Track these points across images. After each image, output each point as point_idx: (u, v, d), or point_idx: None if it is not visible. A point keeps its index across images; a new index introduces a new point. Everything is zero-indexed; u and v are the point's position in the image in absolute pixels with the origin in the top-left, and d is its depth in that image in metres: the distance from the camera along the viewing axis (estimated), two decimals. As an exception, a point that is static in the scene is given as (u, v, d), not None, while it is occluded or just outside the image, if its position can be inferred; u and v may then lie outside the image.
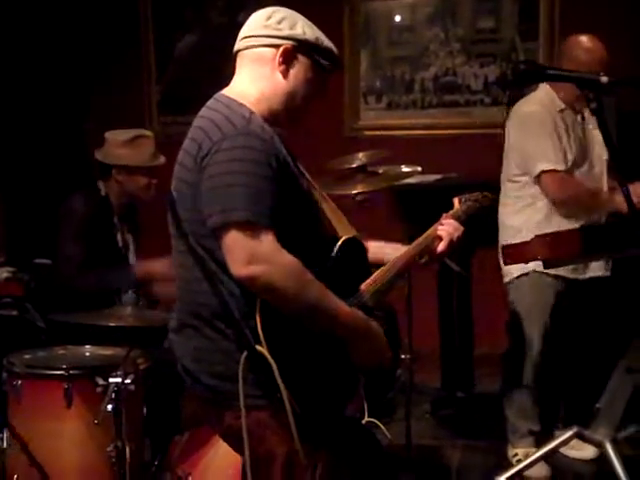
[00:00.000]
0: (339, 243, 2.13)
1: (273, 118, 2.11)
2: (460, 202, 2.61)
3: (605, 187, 3.65)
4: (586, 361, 3.84)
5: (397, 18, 5.38)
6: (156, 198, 3.66)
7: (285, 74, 2.11)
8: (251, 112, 2.06)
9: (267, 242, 1.90)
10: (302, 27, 2.11)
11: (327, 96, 2.23)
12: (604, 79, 1.91)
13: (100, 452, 2.74)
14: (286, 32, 2.10)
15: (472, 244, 4.16)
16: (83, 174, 3.70)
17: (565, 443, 3.54)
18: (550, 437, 3.62)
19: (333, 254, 2.10)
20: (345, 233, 2.18)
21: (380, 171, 3.71)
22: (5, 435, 2.85)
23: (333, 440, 2.11)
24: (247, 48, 2.15)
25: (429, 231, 2.42)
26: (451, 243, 2.38)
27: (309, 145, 2.11)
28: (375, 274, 2.22)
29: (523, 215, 3.61)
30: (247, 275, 1.89)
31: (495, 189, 3.71)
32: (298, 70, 2.12)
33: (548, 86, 3.62)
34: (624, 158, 2.19)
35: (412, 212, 4.48)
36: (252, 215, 1.90)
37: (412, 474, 3.39)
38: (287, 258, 1.92)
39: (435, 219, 2.48)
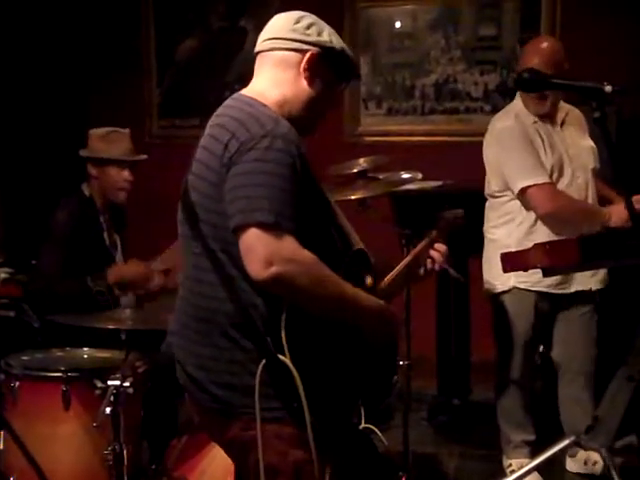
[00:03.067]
0: (350, 253, 2.11)
1: (291, 123, 2.05)
2: (442, 219, 2.53)
3: (591, 198, 3.58)
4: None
5: (398, 24, 5.38)
6: (141, 198, 3.66)
7: (309, 80, 2.09)
8: (276, 113, 2.04)
9: (289, 243, 1.87)
10: (329, 35, 2.10)
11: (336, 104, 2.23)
12: (608, 88, 1.90)
13: (97, 455, 2.74)
14: (314, 38, 2.08)
15: (467, 251, 4.16)
16: (75, 177, 3.71)
17: (561, 451, 3.52)
18: (546, 446, 3.60)
19: (344, 264, 2.06)
20: (355, 243, 2.15)
21: (380, 177, 3.70)
22: (2, 436, 2.84)
23: (342, 449, 2.10)
24: (271, 50, 2.12)
25: (417, 249, 2.37)
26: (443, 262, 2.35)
27: (308, 151, 2.09)
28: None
29: (504, 230, 3.57)
30: (268, 276, 1.84)
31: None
32: (322, 78, 2.10)
33: (519, 94, 3.58)
34: (624, 166, 2.19)
35: (410, 218, 4.47)
36: (275, 217, 1.86)
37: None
38: (307, 255, 1.90)
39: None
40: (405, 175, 3.74)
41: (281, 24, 2.12)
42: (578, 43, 4.37)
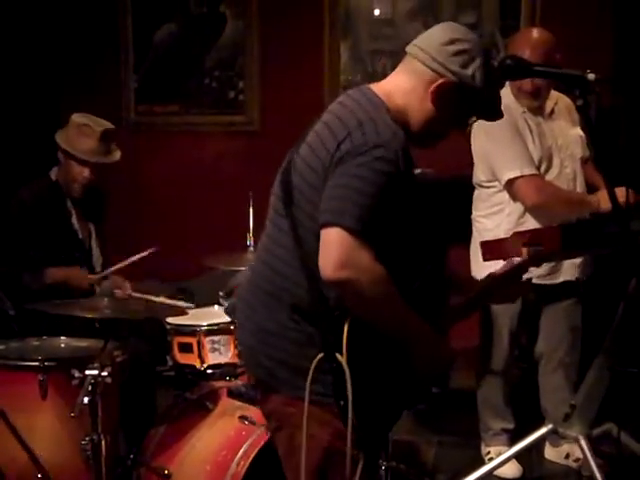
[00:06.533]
0: (429, 267, 2.14)
1: (405, 132, 2.06)
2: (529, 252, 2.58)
3: (579, 187, 3.59)
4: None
5: (377, 12, 5.35)
6: (118, 184, 3.61)
7: (435, 103, 2.08)
8: (395, 122, 2.03)
9: (367, 253, 1.90)
10: (475, 69, 2.06)
11: (305, 89, 2.17)
12: (591, 76, 1.90)
13: (75, 445, 2.71)
14: (456, 68, 2.05)
15: (447, 240, 4.16)
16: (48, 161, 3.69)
17: (539, 440, 3.54)
18: (525, 434, 3.61)
19: (420, 279, 2.09)
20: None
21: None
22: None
23: (374, 453, 2.16)
24: (415, 57, 2.10)
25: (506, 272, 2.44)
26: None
27: (289, 142, 2.09)
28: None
29: (494, 220, 3.56)
30: (337, 278, 1.89)
31: (471, 185, 3.71)
32: (450, 105, 2.09)
33: (510, 87, 3.54)
34: (604, 155, 2.19)
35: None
36: (362, 226, 1.90)
37: (388, 469, 3.38)
38: (380, 270, 1.92)
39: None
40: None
41: (435, 38, 2.09)
42: (558, 32, 4.35)
